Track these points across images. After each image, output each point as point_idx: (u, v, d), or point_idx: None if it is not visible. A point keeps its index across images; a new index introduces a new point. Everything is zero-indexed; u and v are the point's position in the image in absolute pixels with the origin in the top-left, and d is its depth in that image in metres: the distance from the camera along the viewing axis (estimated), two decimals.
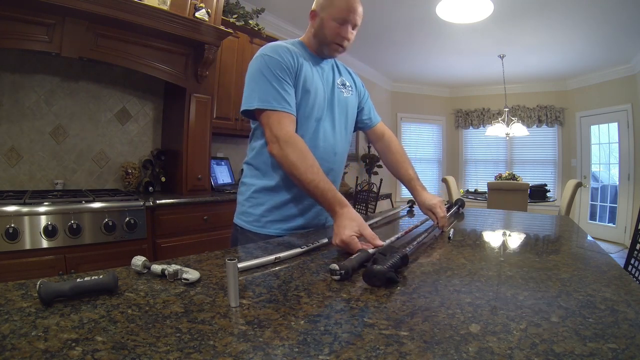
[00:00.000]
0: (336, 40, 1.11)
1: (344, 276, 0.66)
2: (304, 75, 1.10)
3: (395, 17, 3.75)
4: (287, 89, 1.04)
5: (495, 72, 5.30)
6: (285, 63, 1.05)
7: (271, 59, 1.05)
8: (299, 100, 1.09)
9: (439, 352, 0.41)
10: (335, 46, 1.12)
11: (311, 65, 1.15)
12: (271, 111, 1.02)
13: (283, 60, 1.05)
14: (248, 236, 1.14)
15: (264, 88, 1.03)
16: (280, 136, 1.00)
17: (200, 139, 2.50)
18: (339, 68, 1.28)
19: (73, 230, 1.77)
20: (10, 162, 2.16)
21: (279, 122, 1.01)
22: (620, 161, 5.07)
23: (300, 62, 1.09)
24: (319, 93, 1.14)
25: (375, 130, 1.39)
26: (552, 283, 0.66)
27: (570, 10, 3.40)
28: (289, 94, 1.04)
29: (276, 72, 1.03)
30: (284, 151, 0.99)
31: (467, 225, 1.33)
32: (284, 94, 1.03)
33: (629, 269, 1.40)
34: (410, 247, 0.83)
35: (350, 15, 1.08)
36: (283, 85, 1.04)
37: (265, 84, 1.03)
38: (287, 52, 1.07)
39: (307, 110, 1.11)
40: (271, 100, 1.02)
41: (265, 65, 1.04)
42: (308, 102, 1.11)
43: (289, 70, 1.05)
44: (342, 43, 1.12)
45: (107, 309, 0.51)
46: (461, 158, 6.87)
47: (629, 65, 4.82)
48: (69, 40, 1.94)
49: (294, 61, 1.07)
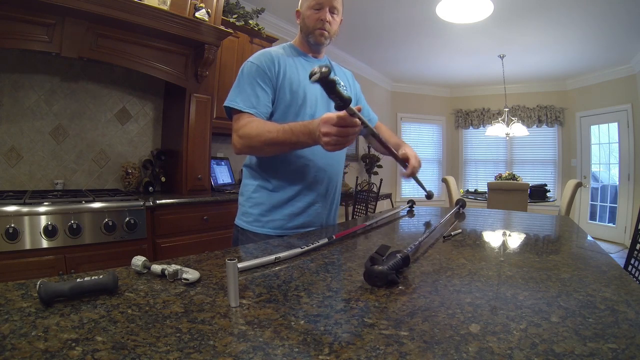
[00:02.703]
0: (317, 26, 1.16)
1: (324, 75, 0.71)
2: (288, 76, 1.14)
3: (395, 17, 3.75)
4: (258, 94, 1.11)
5: (495, 72, 5.31)
6: (263, 69, 1.12)
7: (251, 65, 1.13)
8: (289, 100, 1.14)
9: (439, 352, 0.41)
10: (318, 31, 1.17)
11: (300, 65, 1.19)
12: (237, 112, 1.10)
13: (261, 66, 1.12)
14: (249, 236, 1.15)
15: (236, 91, 1.12)
16: (236, 129, 1.09)
17: (200, 139, 2.50)
18: (334, 68, 1.29)
19: (73, 230, 1.77)
20: (10, 162, 2.16)
21: (240, 121, 1.09)
22: (620, 161, 5.07)
23: (283, 66, 1.14)
24: (309, 91, 1.16)
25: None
26: (552, 283, 0.66)
27: (570, 10, 3.40)
28: (258, 98, 1.10)
29: (252, 78, 1.11)
30: (241, 137, 1.07)
31: (467, 225, 1.33)
32: (253, 97, 1.10)
33: (629, 269, 1.40)
34: (411, 247, 0.83)
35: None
36: (255, 90, 1.10)
37: (239, 88, 1.12)
38: (268, 59, 1.14)
39: (298, 107, 1.15)
40: (238, 101, 1.10)
41: (245, 71, 1.13)
42: (298, 100, 1.14)
43: (266, 75, 1.12)
44: (323, 27, 1.16)
45: (107, 309, 0.51)
46: (461, 158, 6.87)
47: (629, 65, 4.82)
48: (69, 40, 1.94)
49: (273, 66, 1.13)
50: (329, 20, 1.15)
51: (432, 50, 4.75)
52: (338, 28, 1.22)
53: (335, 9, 1.16)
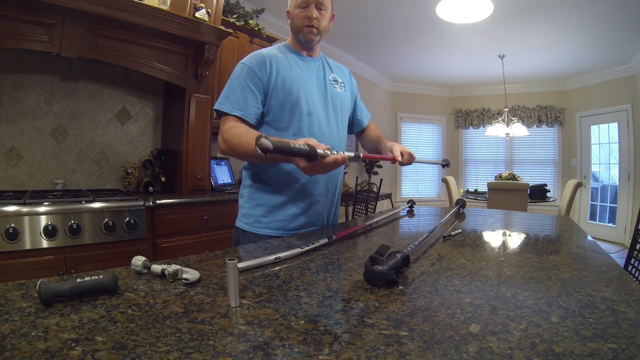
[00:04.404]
0: (305, 23, 1.16)
1: (266, 149, 0.66)
2: (281, 75, 1.14)
3: (395, 17, 3.75)
4: (246, 96, 1.11)
5: (495, 72, 5.31)
6: (253, 70, 1.12)
7: (242, 67, 1.14)
8: (282, 98, 1.14)
9: (439, 352, 0.41)
10: (306, 29, 1.17)
11: (294, 64, 1.19)
12: (225, 114, 1.11)
13: (252, 68, 1.12)
14: (250, 238, 1.15)
15: (225, 93, 1.13)
16: (221, 131, 1.10)
17: (200, 139, 2.50)
18: (330, 65, 1.31)
19: (73, 230, 1.77)
20: (10, 162, 2.16)
21: (226, 124, 1.10)
22: (620, 161, 5.07)
23: (275, 66, 1.14)
24: (303, 88, 1.16)
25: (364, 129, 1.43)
26: (552, 283, 0.66)
27: (570, 10, 3.40)
28: (246, 100, 1.11)
29: (242, 80, 1.12)
30: (225, 141, 1.07)
31: (467, 225, 1.33)
32: (241, 100, 1.11)
33: (629, 269, 1.39)
34: (411, 247, 0.83)
35: None
36: (244, 92, 1.11)
37: (228, 90, 1.13)
38: (260, 60, 1.14)
39: (292, 105, 1.14)
40: (227, 104, 1.11)
41: (236, 73, 1.14)
42: (292, 98, 1.14)
43: (256, 76, 1.12)
44: (310, 24, 1.16)
45: (107, 309, 0.51)
46: (461, 158, 6.87)
47: (629, 65, 4.82)
48: (69, 40, 1.94)
49: (264, 67, 1.13)
50: (316, 17, 1.15)
51: (432, 50, 4.75)
52: (329, 23, 1.22)
53: (322, 4, 1.16)
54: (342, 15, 3.59)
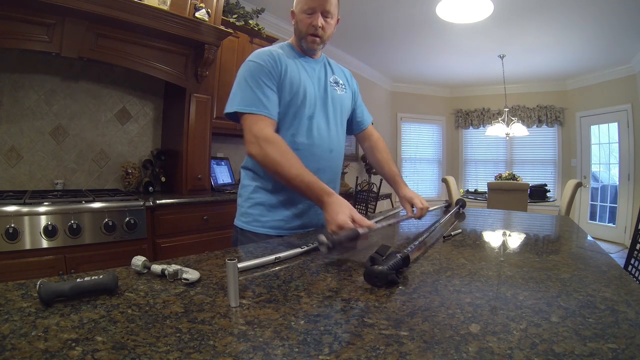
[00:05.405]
0: (309, 31, 1.13)
1: (331, 248, 0.71)
2: (289, 76, 1.12)
3: (395, 17, 3.75)
4: (267, 94, 1.07)
5: (495, 72, 5.30)
6: (268, 68, 1.08)
7: (255, 65, 1.09)
8: (288, 100, 1.12)
9: (439, 352, 0.41)
10: (310, 37, 1.14)
11: (299, 65, 1.17)
12: (249, 114, 1.05)
13: (265, 65, 1.08)
14: (249, 236, 1.15)
15: (245, 93, 1.07)
16: (259, 136, 1.02)
17: (200, 139, 2.50)
18: (332, 66, 1.29)
19: (73, 230, 1.77)
20: (10, 162, 2.16)
21: (257, 124, 1.04)
22: (620, 161, 5.07)
23: (284, 65, 1.12)
24: (309, 91, 1.15)
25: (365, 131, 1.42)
26: (552, 283, 0.66)
27: (570, 10, 3.40)
28: (268, 99, 1.07)
29: (258, 78, 1.07)
30: (264, 150, 1.01)
31: (467, 225, 1.33)
32: (264, 98, 1.06)
33: (629, 269, 1.39)
34: (411, 247, 0.83)
35: (315, 3, 1.10)
36: (264, 90, 1.07)
37: (247, 89, 1.07)
38: (270, 57, 1.10)
39: (297, 108, 1.13)
40: (250, 104, 1.05)
41: (248, 71, 1.09)
42: (297, 101, 1.13)
43: (271, 75, 1.08)
44: (315, 32, 1.13)
45: (107, 309, 0.51)
46: (461, 158, 6.87)
47: (629, 65, 4.81)
48: (69, 40, 1.94)
49: (277, 65, 1.10)
50: (321, 25, 1.11)
51: (432, 50, 4.75)
52: (333, 30, 1.19)
53: (329, 12, 1.12)
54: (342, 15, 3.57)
